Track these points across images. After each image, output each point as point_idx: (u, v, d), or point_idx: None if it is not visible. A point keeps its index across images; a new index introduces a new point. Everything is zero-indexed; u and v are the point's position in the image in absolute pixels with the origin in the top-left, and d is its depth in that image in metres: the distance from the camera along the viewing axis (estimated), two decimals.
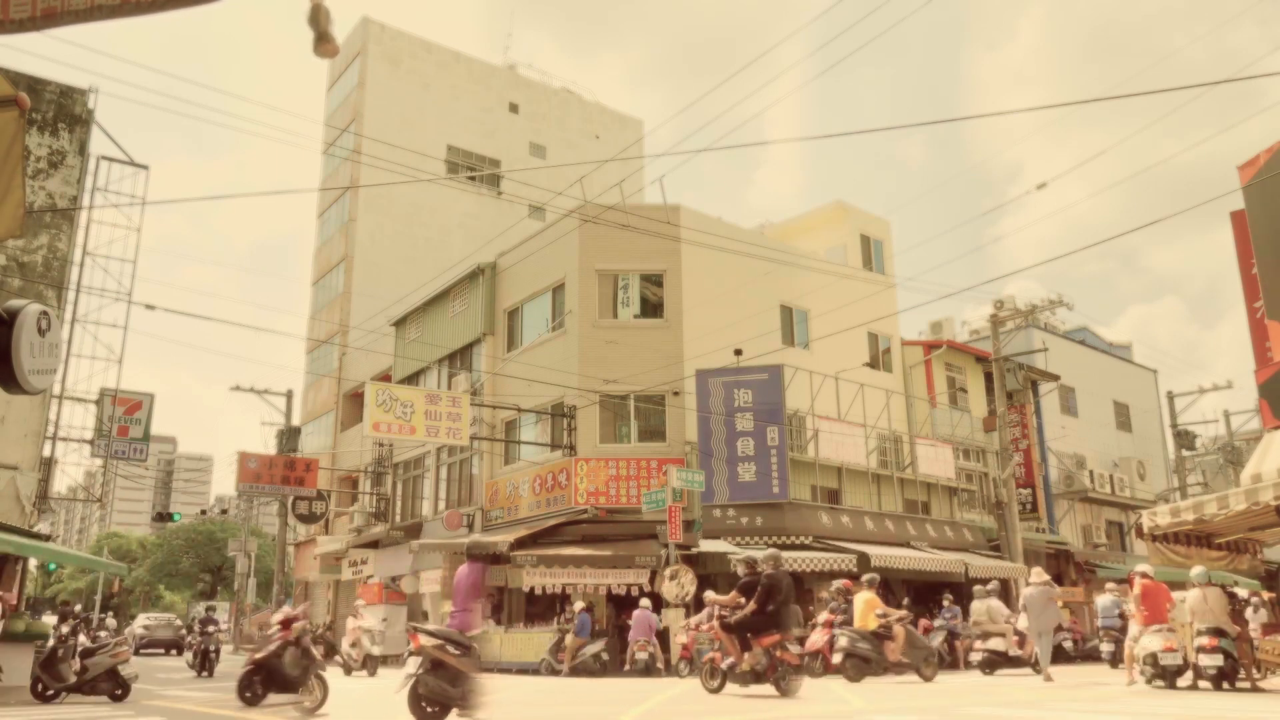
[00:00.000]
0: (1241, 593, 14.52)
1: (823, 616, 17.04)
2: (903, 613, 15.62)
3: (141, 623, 38.08)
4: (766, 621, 11.61)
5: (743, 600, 12.18)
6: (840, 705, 10.47)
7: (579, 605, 19.04)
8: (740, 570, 12.73)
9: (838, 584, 17.62)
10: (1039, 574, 15.25)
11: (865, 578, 16.25)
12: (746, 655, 11.76)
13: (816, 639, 16.57)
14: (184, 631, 39.42)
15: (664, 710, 9.96)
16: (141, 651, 33.80)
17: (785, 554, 19.79)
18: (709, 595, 14.60)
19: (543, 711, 10.43)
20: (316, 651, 10.63)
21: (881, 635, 14.80)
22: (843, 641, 14.64)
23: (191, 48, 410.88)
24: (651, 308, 23.50)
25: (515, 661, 19.96)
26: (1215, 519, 12.53)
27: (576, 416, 22.67)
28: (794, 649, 11.71)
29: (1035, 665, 15.52)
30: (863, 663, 14.47)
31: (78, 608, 18.90)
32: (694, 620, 16.97)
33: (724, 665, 12.31)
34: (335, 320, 38.78)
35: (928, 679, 14.87)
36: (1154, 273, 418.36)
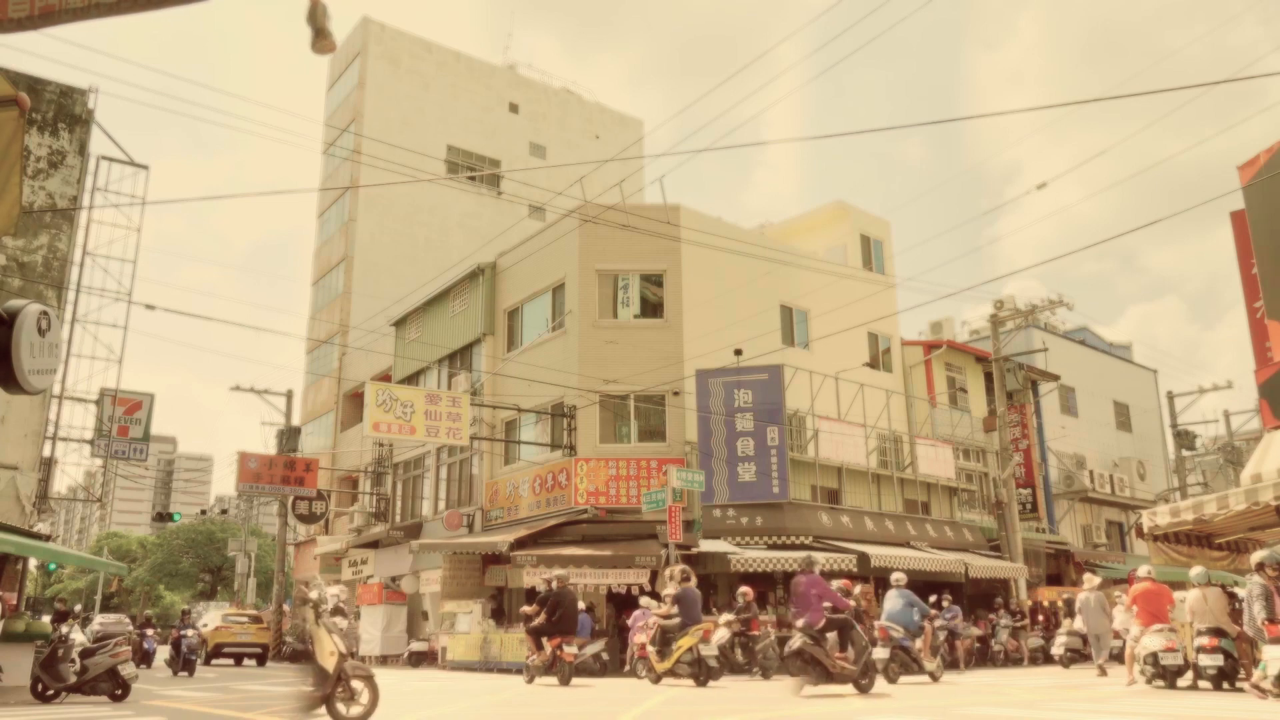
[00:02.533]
0: (1241, 593, 14.52)
1: None
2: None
3: (98, 621, 41.60)
4: (551, 628, 14.97)
5: (539, 610, 15.38)
6: (840, 705, 10.47)
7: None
8: (540, 586, 15.97)
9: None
10: (1092, 581, 15.98)
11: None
12: (540, 653, 15.15)
13: None
14: (128, 627, 42.18)
15: (664, 710, 9.96)
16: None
17: (785, 554, 19.93)
18: (524, 609, 16.86)
19: (543, 711, 10.43)
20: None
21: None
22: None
23: (191, 47, 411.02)
24: (651, 308, 23.50)
25: (515, 662, 19.93)
26: (1215, 519, 12.54)
27: (576, 416, 22.67)
28: (570, 649, 14.95)
29: (1100, 666, 15.89)
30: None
31: (77, 607, 18.85)
32: (651, 619, 17.02)
33: (528, 661, 15.60)
34: (335, 320, 38.78)
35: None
36: (1154, 273, 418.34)
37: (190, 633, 20.69)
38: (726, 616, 16.33)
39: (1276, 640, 10.12)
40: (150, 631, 24.42)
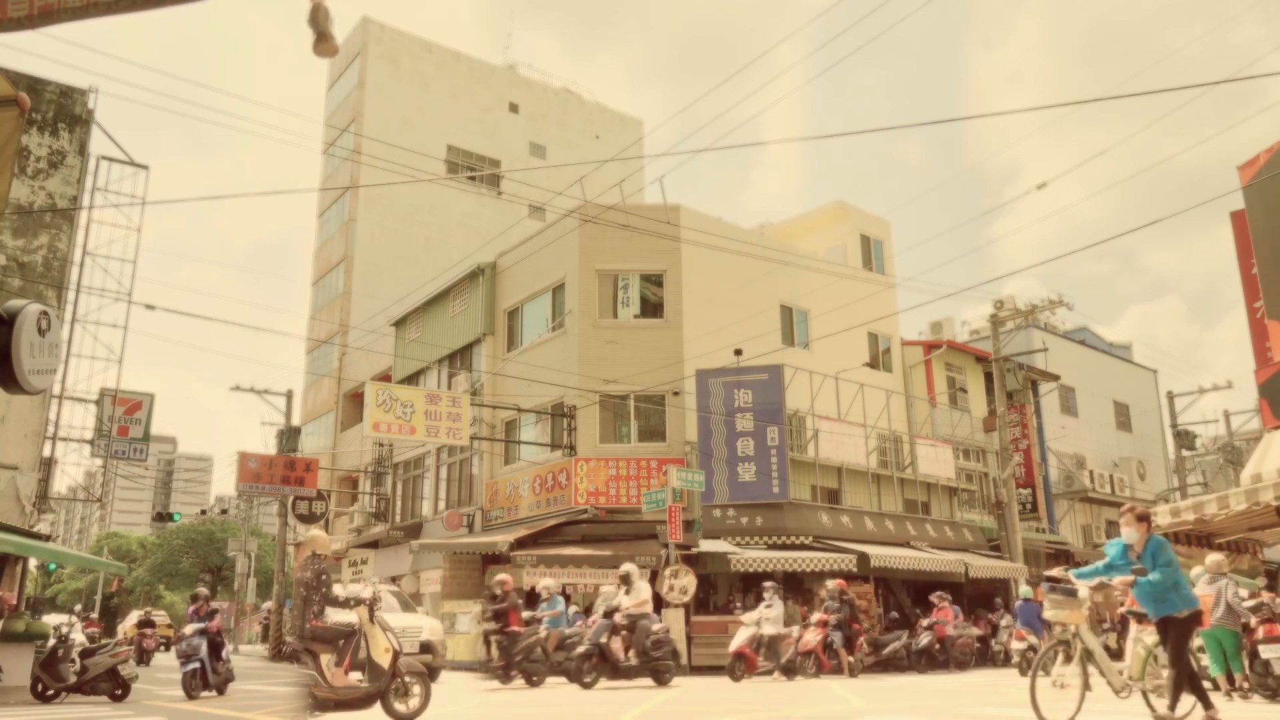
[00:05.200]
0: (1243, 592, 14.51)
1: (815, 616, 17.05)
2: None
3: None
4: None
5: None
6: (840, 705, 10.47)
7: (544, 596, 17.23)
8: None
9: (831, 584, 17.62)
10: None
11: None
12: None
13: (810, 639, 16.57)
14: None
15: (664, 710, 9.96)
16: None
17: (786, 554, 19.93)
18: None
19: (542, 711, 10.43)
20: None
21: None
22: None
23: (191, 48, 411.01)
24: (651, 308, 23.49)
25: None
26: (1215, 519, 12.55)
27: (576, 416, 22.66)
28: None
29: None
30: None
31: (78, 607, 18.67)
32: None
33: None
34: (335, 320, 38.78)
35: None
36: (1154, 273, 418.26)
37: (189, 631, 13.34)
38: (476, 610, 15.52)
39: (1273, 640, 10.08)
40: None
